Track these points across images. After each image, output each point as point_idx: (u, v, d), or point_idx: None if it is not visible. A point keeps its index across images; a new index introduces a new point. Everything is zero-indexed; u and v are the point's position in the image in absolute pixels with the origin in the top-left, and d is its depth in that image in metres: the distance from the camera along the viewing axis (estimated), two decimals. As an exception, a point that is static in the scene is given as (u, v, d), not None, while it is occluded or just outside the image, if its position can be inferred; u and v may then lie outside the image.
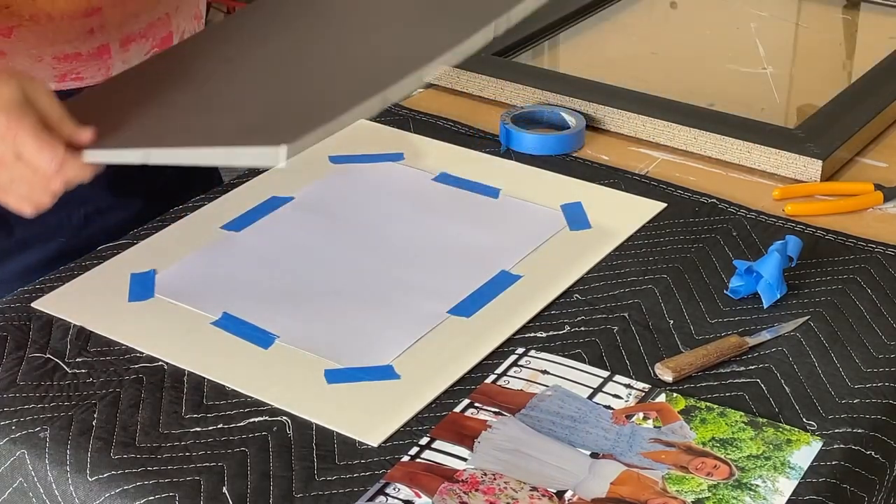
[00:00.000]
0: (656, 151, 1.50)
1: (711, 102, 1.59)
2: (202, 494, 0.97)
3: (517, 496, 0.96)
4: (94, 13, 1.31)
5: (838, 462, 1.00)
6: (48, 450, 1.02)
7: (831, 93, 1.57)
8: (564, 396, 1.07)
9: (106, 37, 1.34)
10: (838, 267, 1.25)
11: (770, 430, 1.03)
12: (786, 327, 1.16)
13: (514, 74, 1.62)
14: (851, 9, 1.96)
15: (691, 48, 1.87)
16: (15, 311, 1.19)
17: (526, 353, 1.13)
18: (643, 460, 1.00)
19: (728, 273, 1.23)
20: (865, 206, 1.37)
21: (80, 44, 1.33)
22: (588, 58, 1.81)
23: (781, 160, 1.43)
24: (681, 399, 1.06)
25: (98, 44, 1.34)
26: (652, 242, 1.30)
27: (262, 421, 1.05)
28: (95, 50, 1.34)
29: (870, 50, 1.76)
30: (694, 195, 1.39)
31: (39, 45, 1.31)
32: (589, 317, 1.18)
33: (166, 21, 1.40)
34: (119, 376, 1.11)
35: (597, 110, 1.54)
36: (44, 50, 1.32)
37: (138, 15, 1.36)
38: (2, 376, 1.11)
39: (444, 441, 1.02)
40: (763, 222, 1.33)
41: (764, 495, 0.96)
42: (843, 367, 1.11)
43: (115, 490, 0.98)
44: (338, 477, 0.99)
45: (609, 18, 1.89)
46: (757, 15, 1.93)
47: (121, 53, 1.37)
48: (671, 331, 1.16)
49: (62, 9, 1.29)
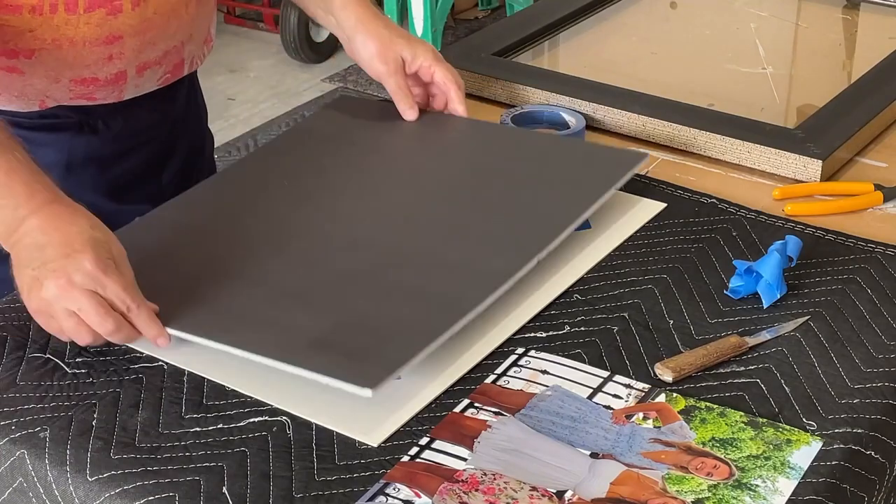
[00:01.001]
0: (656, 151, 1.50)
1: (711, 102, 1.59)
2: (202, 494, 0.97)
3: (517, 496, 0.96)
4: (116, 41, 1.32)
5: (838, 462, 1.00)
6: (48, 450, 1.02)
7: (831, 93, 1.57)
8: (564, 396, 1.07)
9: (124, 64, 1.35)
10: (838, 267, 1.25)
11: (770, 430, 1.03)
12: (786, 327, 1.16)
13: (514, 74, 1.62)
14: (851, 9, 1.96)
15: (691, 48, 1.87)
16: (15, 311, 1.19)
17: (526, 353, 1.13)
18: (643, 460, 1.00)
19: (728, 273, 1.23)
20: (865, 206, 1.37)
21: (98, 69, 1.34)
22: (588, 58, 1.81)
23: (781, 160, 1.43)
24: (681, 399, 1.06)
25: (116, 70, 1.35)
26: (652, 242, 1.30)
27: (262, 421, 1.05)
28: (113, 76, 1.36)
29: (870, 50, 1.76)
30: (694, 195, 1.39)
31: (59, 69, 1.32)
32: (589, 317, 1.18)
33: (180, 49, 1.42)
34: (119, 376, 1.11)
35: (597, 110, 1.54)
36: (62, 73, 1.33)
37: (156, 43, 1.37)
38: (2, 376, 1.11)
39: (444, 441, 1.02)
40: (763, 222, 1.33)
41: (764, 495, 0.96)
42: (843, 367, 1.11)
43: (115, 490, 0.98)
44: (338, 477, 0.99)
45: (609, 18, 1.89)
46: (757, 15, 1.93)
47: (135, 79, 1.39)
48: (671, 331, 1.16)
49: (84, 35, 1.30)
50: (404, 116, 1.45)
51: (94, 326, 1.08)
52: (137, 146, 1.46)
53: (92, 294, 1.07)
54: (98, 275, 1.07)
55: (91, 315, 1.07)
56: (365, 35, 1.45)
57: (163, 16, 1.35)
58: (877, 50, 1.70)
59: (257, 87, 4.27)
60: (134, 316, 1.09)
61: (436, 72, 1.45)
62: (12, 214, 1.11)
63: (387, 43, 1.44)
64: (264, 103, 4.14)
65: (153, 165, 1.49)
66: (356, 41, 1.46)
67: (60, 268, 1.07)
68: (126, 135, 1.44)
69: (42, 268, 1.08)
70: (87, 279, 1.07)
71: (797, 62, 1.84)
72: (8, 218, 1.12)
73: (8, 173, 1.13)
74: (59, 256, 1.08)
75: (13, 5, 1.25)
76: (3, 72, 1.32)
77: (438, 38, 3.93)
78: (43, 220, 1.11)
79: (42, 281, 1.08)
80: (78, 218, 1.12)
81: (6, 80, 1.33)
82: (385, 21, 1.47)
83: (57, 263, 1.08)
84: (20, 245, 1.11)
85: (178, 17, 1.37)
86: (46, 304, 1.08)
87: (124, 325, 1.09)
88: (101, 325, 1.08)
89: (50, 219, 1.11)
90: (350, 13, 1.46)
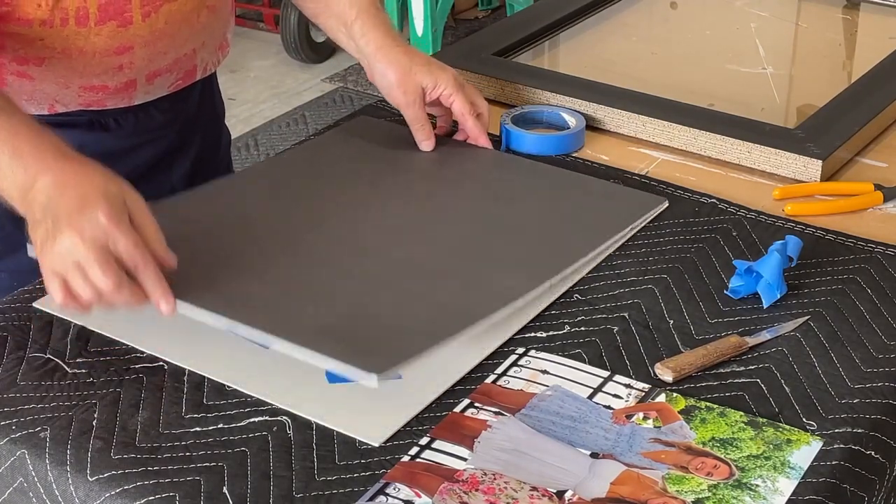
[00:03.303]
0: (656, 151, 1.50)
1: (711, 102, 1.59)
2: (202, 494, 0.97)
3: (517, 496, 0.96)
4: (126, 51, 1.32)
5: (838, 462, 1.00)
6: (48, 450, 1.02)
7: (831, 93, 1.56)
8: (564, 396, 1.07)
9: (134, 73, 1.36)
10: (838, 267, 1.25)
11: (770, 430, 1.03)
12: (786, 327, 1.16)
13: (514, 74, 1.62)
14: (851, 9, 1.96)
15: (691, 48, 1.87)
16: (15, 311, 1.20)
17: (526, 353, 1.13)
18: (643, 460, 1.00)
19: (728, 273, 1.23)
20: (865, 206, 1.37)
21: (108, 78, 1.34)
22: (588, 58, 1.81)
23: (781, 160, 1.43)
24: (681, 399, 1.06)
25: (126, 79, 1.36)
26: (652, 242, 1.30)
27: (262, 421, 1.05)
28: (122, 84, 1.36)
29: (870, 50, 1.76)
30: (694, 195, 1.39)
31: (68, 76, 1.32)
32: (589, 317, 1.18)
33: (191, 56, 1.42)
34: (119, 376, 1.11)
35: (597, 110, 1.54)
36: (72, 80, 1.33)
37: (167, 52, 1.37)
38: (2, 376, 1.11)
39: (444, 441, 1.02)
40: (763, 222, 1.33)
41: (764, 495, 0.96)
42: (843, 367, 1.11)
43: (115, 490, 0.98)
44: (338, 477, 0.99)
45: (609, 18, 1.89)
46: (757, 15, 1.93)
47: (145, 86, 1.39)
48: (671, 331, 1.16)
49: (94, 46, 1.30)
50: (420, 147, 1.46)
51: (95, 281, 1.06)
52: (149, 142, 1.46)
53: (101, 248, 1.06)
54: (110, 228, 1.06)
55: (94, 268, 1.05)
56: (385, 64, 1.45)
57: (173, 25, 1.35)
58: (877, 50, 1.70)
59: (257, 87, 4.27)
60: (140, 272, 1.07)
61: (455, 101, 1.45)
62: (23, 175, 1.10)
63: (407, 72, 1.44)
64: (264, 103, 4.13)
65: (164, 161, 1.49)
66: (376, 69, 1.46)
67: (75, 222, 1.06)
68: (137, 132, 1.44)
69: (56, 222, 1.07)
70: (98, 232, 1.06)
71: (797, 62, 1.84)
72: (19, 180, 1.10)
73: (13, 136, 1.12)
74: (74, 211, 1.06)
75: (24, 18, 1.25)
76: (13, 76, 1.32)
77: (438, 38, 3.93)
78: (56, 175, 1.09)
79: (56, 234, 1.06)
80: (91, 172, 1.10)
81: (16, 84, 1.33)
82: (405, 48, 1.47)
83: (71, 218, 1.06)
84: (35, 203, 1.09)
85: (189, 26, 1.37)
86: (60, 258, 1.06)
87: (126, 283, 1.07)
88: (101, 280, 1.06)
89: (63, 174, 1.09)
90: (370, 40, 1.46)
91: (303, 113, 4.03)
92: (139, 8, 1.30)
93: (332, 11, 1.49)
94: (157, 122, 1.46)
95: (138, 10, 1.30)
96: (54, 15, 1.26)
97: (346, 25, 1.47)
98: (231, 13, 1.50)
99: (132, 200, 1.10)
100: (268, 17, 4.59)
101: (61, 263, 1.07)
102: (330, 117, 3.86)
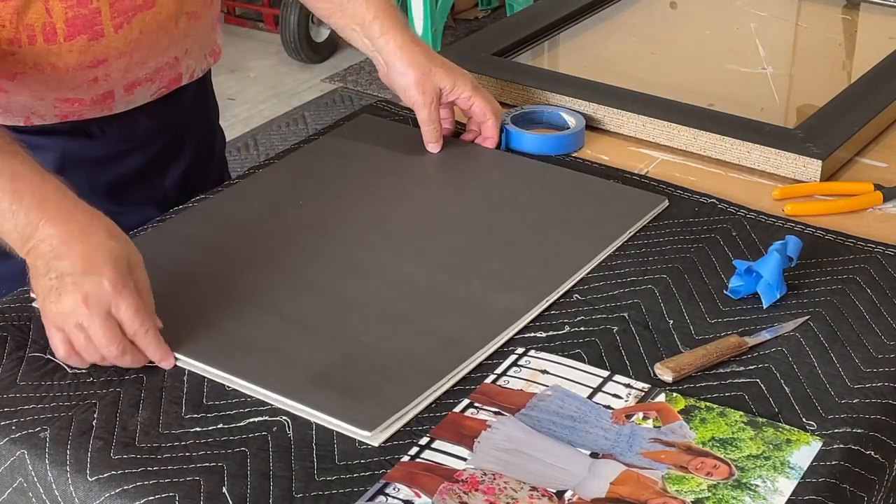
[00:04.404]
0: (656, 151, 1.50)
1: (711, 102, 1.59)
2: (202, 494, 0.97)
3: (517, 496, 0.96)
4: (100, 64, 1.30)
5: (838, 462, 1.00)
6: (48, 450, 1.02)
7: (831, 93, 1.57)
8: (564, 396, 1.07)
9: (111, 84, 1.34)
10: (838, 267, 1.25)
11: (770, 430, 1.03)
12: (785, 327, 1.16)
13: (514, 74, 1.62)
14: (851, 9, 1.96)
15: (691, 48, 1.87)
16: (15, 311, 1.19)
17: (526, 353, 1.13)
18: (643, 460, 1.00)
19: (728, 273, 1.23)
20: (865, 206, 1.37)
21: (84, 91, 1.32)
22: (588, 58, 1.81)
23: (781, 160, 1.43)
24: (680, 399, 1.06)
25: (102, 91, 1.34)
26: (652, 242, 1.30)
27: (262, 421, 1.05)
28: (99, 96, 1.34)
29: (870, 50, 1.76)
30: (694, 195, 1.39)
31: (42, 90, 1.30)
32: (589, 317, 1.18)
33: (174, 64, 1.40)
34: (119, 376, 1.11)
35: (597, 110, 1.54)
36: (46, 94, 1.31)
37: (145, 62, 1.35)
38: (2, 376, 1.11)
39: (444, 441, 1.02)
40: (763, 222, 1.33)
41: (764, 495, 0.96)
42: (843, 367, 1.11)
43: (115, 490, 0.98)
44: (338, 477, 0.99)
45: (609, 18, 1.89)
46: (757, 15, 1.93)
47: (125, 97, 1.37)
48: (671, 331, 1.16)
49: (67, 61, 1.28)
50: (428, 148, 1.46)
51: (99, 348, 1.08)
52: (137, 148, 1.44)
53: (105, 315, 1.07)
54: (114, 295, 1.07)
55: (98, 336, 1.07)
56: (405, 63, 1.45)
57: (149, 35, 1.32)
58: (877, 50, 1.70)
59: (257, 87, 4.27)
60: (141, 338, 1.09)
61: (475, 103, 1.46)
62: (25, 220, 1.09)
63: (426, 72, 1.44)
64: (264, 103, 4.14)
65: (155, 167, 1.47)
66: (396, 68, 1.45)
67: (79, 283, 1.06)
68: (124, 139, 1.42)
69: (61, 279, 1.07)
70: (103, 298, 1.06)
71: (797, 62, 1.84)
72: (21, 225, 1.09)
73: (14, 179, 1.10)
74: (79, 271, 1.07)
75: None
76: None
77: (438, 38, 3.93)
78: (59, 226, 1.09)
79: (60, 293, 1.07)
80: (96, 226, 1.10)
81: None
82: (424, 48, 1.47)
83: (75, 277, 1.07)
84: (36, 252, 1.09)
85: (167, 34, 1.34)
86: (62, 317, 1.08)
87: (129, 350, 1.09)
88: (105, 348, 1.07)
89: (68, 227, 1.09)
90: (390, 39, 1.45)
91: (302, 113, 4.04)
92: (110, 20, 1.27)
93: (345, 12, 1.48)
94: (145, 127, 1.43)
95: (109, 22, 1.27)
96: (20, 32, 1.23)
97: (362, 25, 1.47)
98: (218, 18, 1.48)
99: (135, 259, 1.10)
100: (268, 17, 4.59)
101: (63, 322, 1.08)
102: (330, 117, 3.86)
